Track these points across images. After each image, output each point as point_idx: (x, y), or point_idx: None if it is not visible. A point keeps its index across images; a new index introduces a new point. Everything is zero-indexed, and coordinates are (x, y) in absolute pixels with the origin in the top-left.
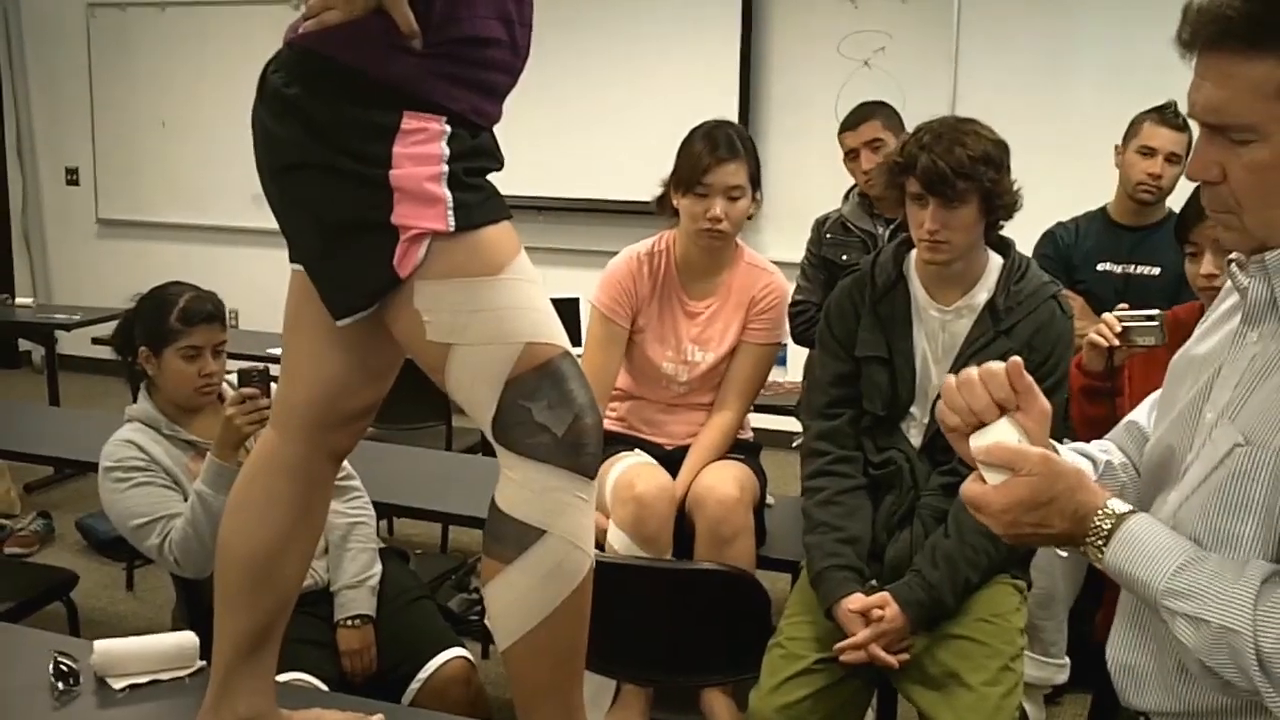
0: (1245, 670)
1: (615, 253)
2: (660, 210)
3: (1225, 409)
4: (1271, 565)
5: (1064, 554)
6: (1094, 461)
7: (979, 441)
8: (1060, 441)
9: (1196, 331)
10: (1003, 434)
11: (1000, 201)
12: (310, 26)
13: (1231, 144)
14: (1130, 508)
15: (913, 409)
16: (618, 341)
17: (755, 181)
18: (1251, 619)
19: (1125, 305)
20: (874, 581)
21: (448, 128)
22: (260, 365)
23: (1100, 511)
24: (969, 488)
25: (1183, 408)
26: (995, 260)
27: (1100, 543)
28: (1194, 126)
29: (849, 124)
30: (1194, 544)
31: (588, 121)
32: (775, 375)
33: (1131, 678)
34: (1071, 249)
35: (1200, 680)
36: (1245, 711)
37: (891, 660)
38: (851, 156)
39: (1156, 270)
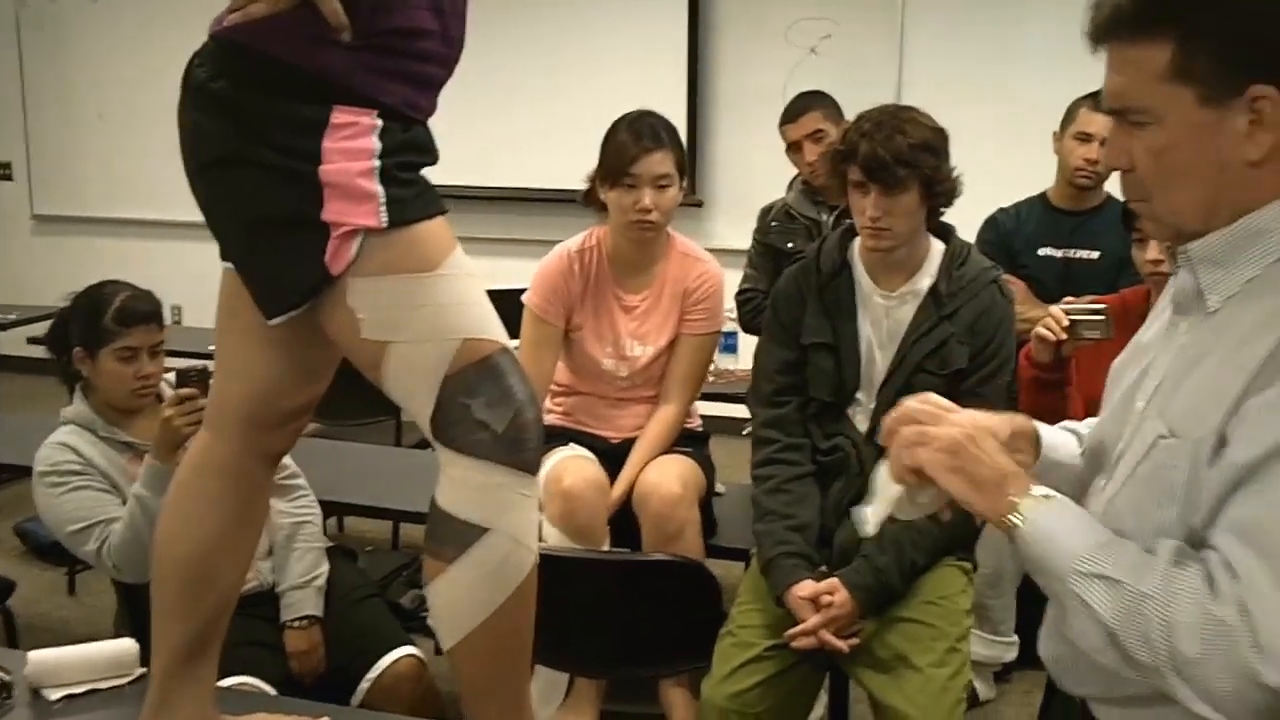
0: (1151, 640)
1: (561, 241)
2: (587, 205)
3: (1153, 399)
4: (1179, 543)
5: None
6: (1078, 436)
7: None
8: None
9: (1149, 316)
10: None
11: (940, 188)
12: (236, 19)
13: (1133, 128)
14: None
15: (859, 395)
16: (552, 341)
17: (682, 170)
18: (1164, 587)
19: (1071, 297)
20: (824, 567)
21: (379, 121)
22: (199, 365)
23: (1032, 483)
24: (908, 426)
25: (1120, 395)
26: (937, 247)
27: (1037, 494)
28: None
29: (789, 116)
30: (1114, 533)
31: (534, 110)
32: (726, 363)
33: (1063, 667)
34: (1013, 234)
35: (1099, 659)
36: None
37: (842, 645)
38: (794, 149)
39: (1096, 254)
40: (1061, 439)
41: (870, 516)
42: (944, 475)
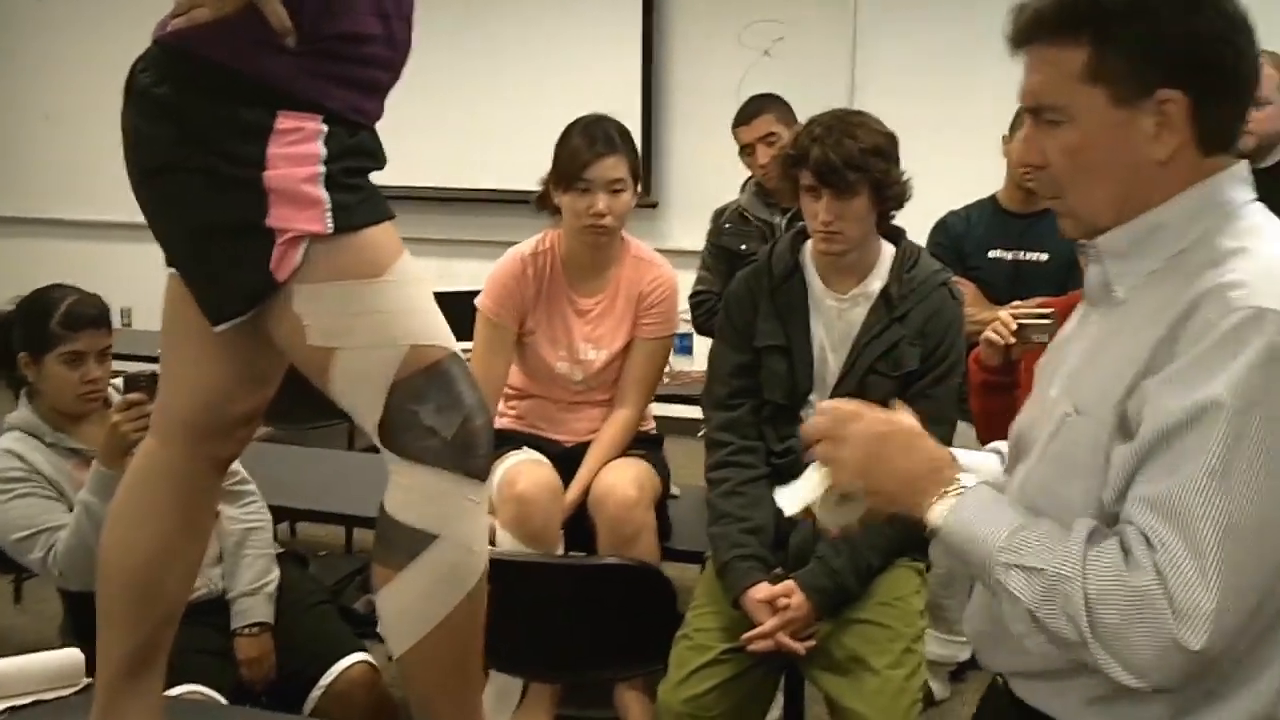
0: (1073, 617)
1: (519, 242)
2: (541, 208)
3: (1064, 384)
4: (1093, 521)
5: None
6: (1001, 456)
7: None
8: (954, 425)
9: (1071, 315)
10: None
11: (890, 192)
12: (180, 24)
13: (1048, 127)
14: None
15: (812, 397)
16: (505, 345)
17: (636, 174)
18: (1081, 565)
19: (1020, 301)
20: (779, 570)
21: (325, 127)
22: (147, 370)
23: (956, 470)
24: (822, 426)
25: (1038, 387)
26: (888, 249)
27: (952, 491)
28: None
29: (742, 119)
30: (1028, 512)
31: (490, 111)
32: (682, 365)
33: (982, 642)
34: (963, 237)
35: (1026, 638)
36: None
37: (798, 647)
38: (747, 151)
39: (1045, 256)
40: (983, 460)
41: (790, 497)
42: (858, 478)
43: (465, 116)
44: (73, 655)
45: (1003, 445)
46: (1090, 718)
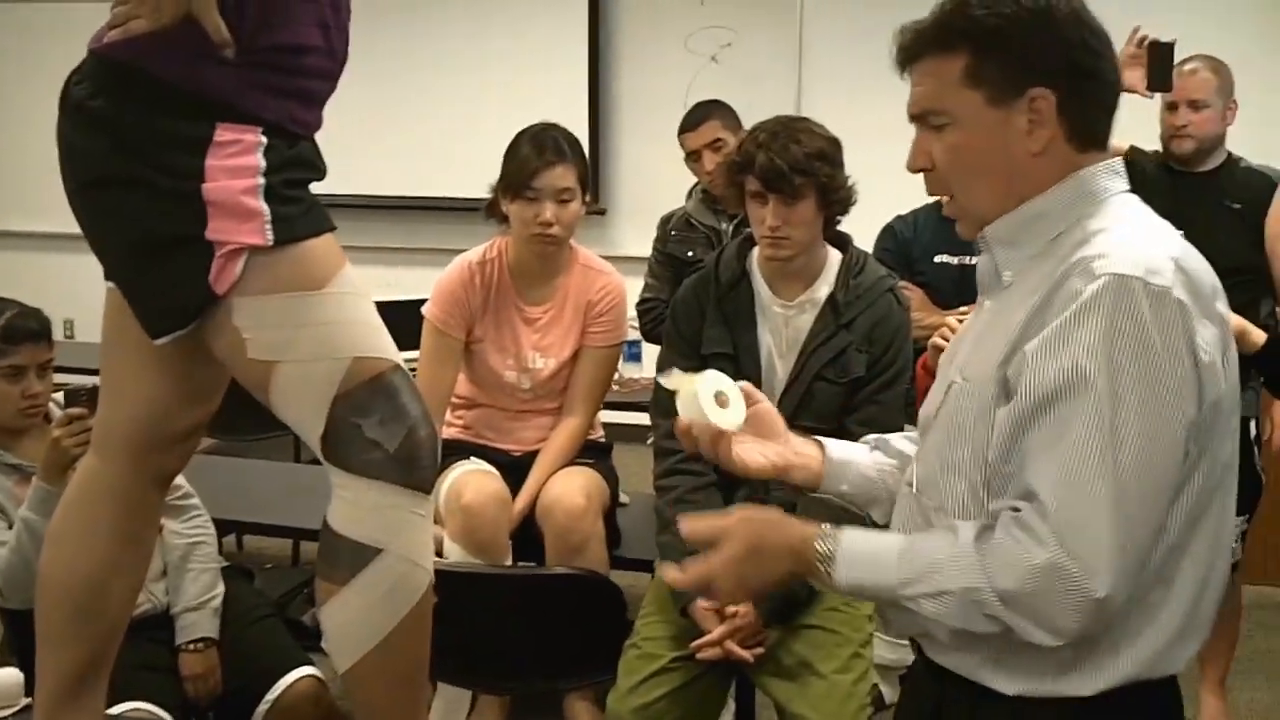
0: (996, 616)
1: (466, 250)
2: (489, 216)
3: (960, 364)
4: (976, 522)
5: None
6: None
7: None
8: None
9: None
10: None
11: (836, 196)
12: (116, 35)
13: (934, 131)
14: (837, 528)
15: None
16: (452, 354)
17: (584, 184)
18: (983, 569)
19: (966, 306)
20: None
21: (264, 138)
22: (88, 384)
23: (818, 536)
24: (693, 571)
25: (940, 374)
26: (834, 256)
27: (828, 565)
28: None
29: (688, 125)
30: (899, 535)
31: (435, 118)
32: (630, 371)
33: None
34: (910, 242)
35: (952, 644)
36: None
37: (746, 655)
38: (693, 157)
39: None
40: (853, 452)
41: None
42: (746, 599)
43: (411, 124)
44: (11, 675)
45: (871, 437)
46: (989, 674)
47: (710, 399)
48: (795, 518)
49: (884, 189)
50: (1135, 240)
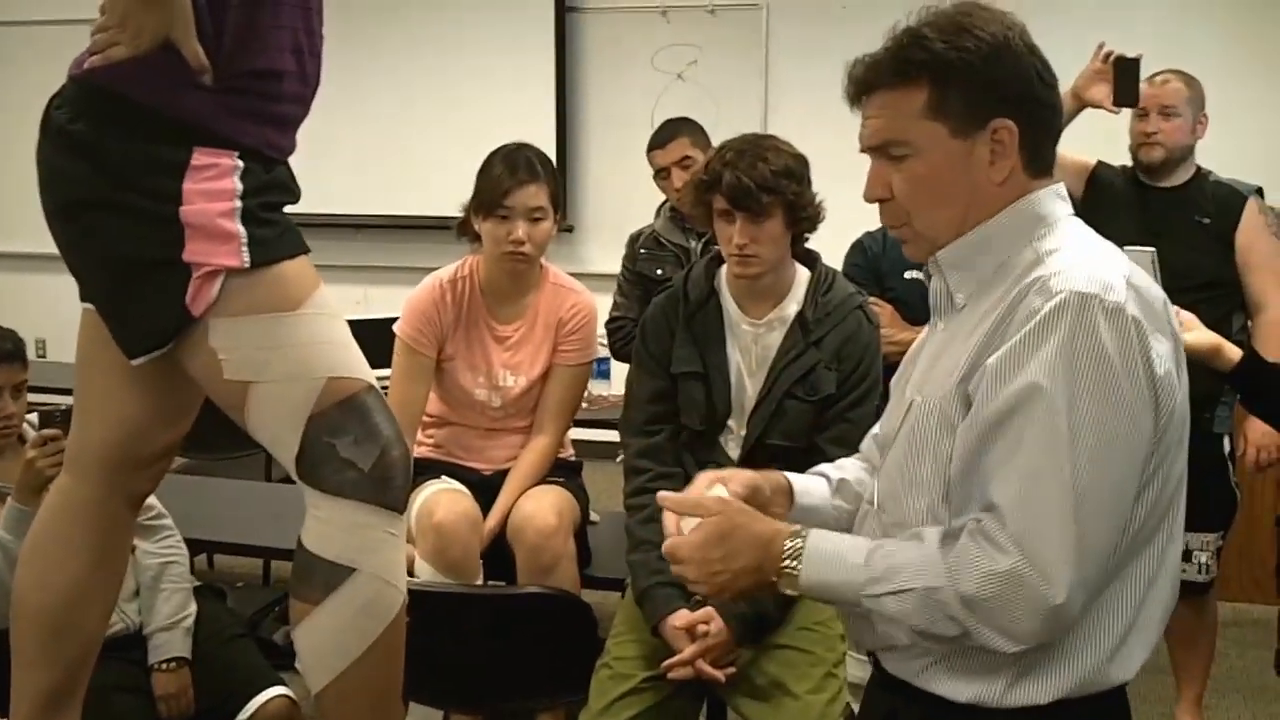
0: (955, 618)
1: (437, 268)
2: (461, 234)
3: (916, 385)
4: (941, 528)
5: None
6: (828, 480)
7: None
8: None
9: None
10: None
11: (804, 214)
12: (96, 62)
13: (893, 161)
14: (807, 528)
15: (730, 423)
16: (424, 371)
17: (556, 203)
18: (946, 571)
19: None
20: (698, 597)
21: (240, 162)
22: (63, 405)
23: (787, 535)
24: (668, 543)
25: (894, 396)
26: (803, 273)
27: (794, 562)
28: None
29: (657, 142)
30: (866, 539)
31: (406, 138)
32: (599, 389)
33: (855, 623)
34: (880, 258)
35: (914, 647)
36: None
37: (718, 675)
38: (662, 175)
39: None
40: (813, 484)
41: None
42: (715, 593)
43: (381, 144)
44: None
45: (828, 469)
46: (942, 681)
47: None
48: (766, 521)
49: (852, 205)
50: (1089, 259)
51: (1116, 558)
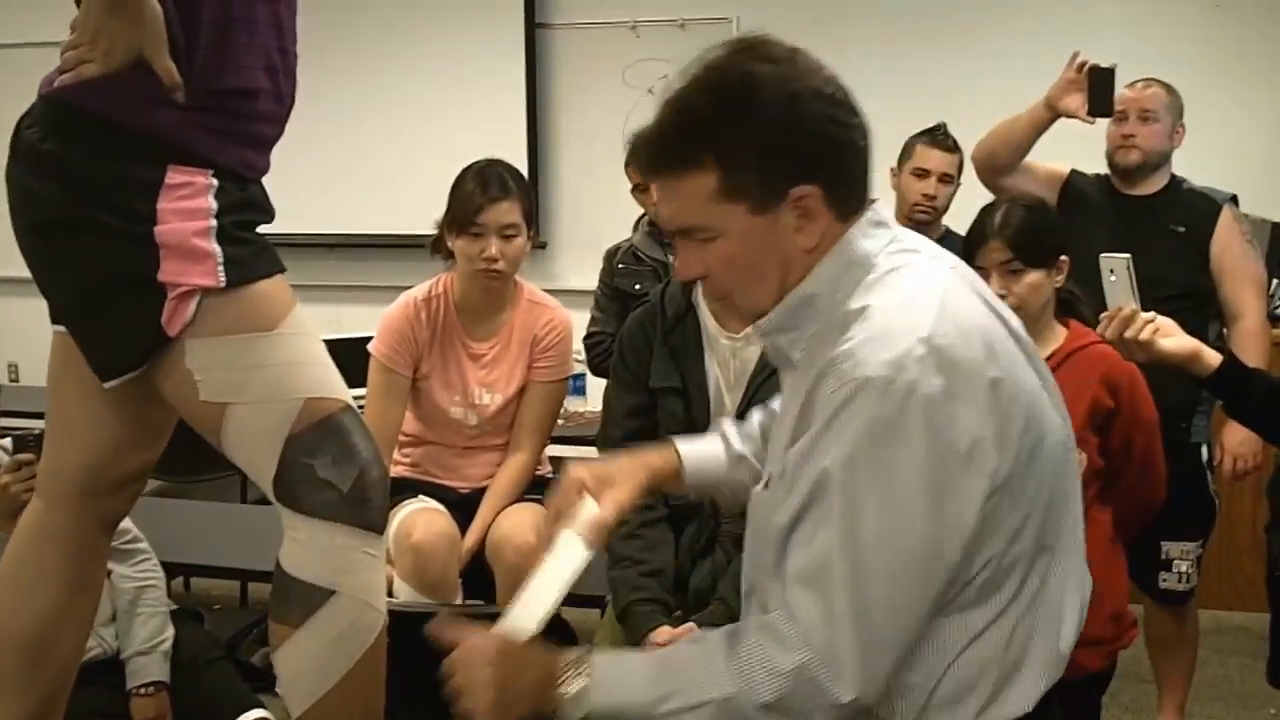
0: None
1: (410, 287)
2: (435, 252)
3: (769, 455)
4: (722, 629)
5: None
6: (727, 449)
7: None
8: None
9: None
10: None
11: None
12: (67, 80)
13: (700, 243)
14: (588, 654)
15: None
16: (400, 390)
17: (529, 219)
18: (736, 677)
19: None
20: (679, 612)
21: (215, 181)
22: (36, 429)
23: (570, 659)
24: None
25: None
26: None
27: (582, 683)
28: (966, 147)
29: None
30: (650, 654)
31: (377, 157)
32: (575, 405)
33: None
34: None
35: None
36: None
37: None
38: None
39: None
40: (709, 451)
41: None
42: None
43: (350, 162)
44: None
45: (728, 427)
46: None
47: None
48: (546, 647)
49: None
50: (886, 330)
51: (965, 609)
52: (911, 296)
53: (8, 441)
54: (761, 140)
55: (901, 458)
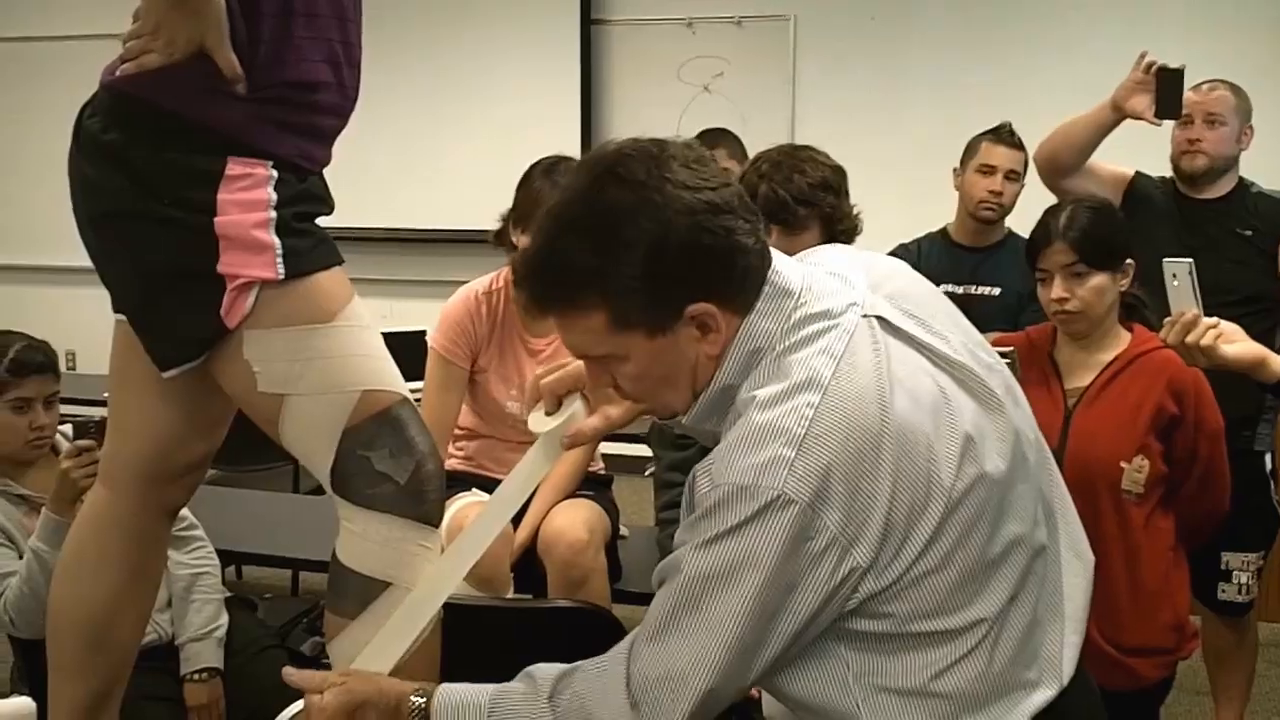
0: None
1: (464, 282)
2: (498, 245)
3: None
4: (557, 669)
5: None
6: None
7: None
8: None
9: None
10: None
11: (841, 226)
12: (129, 70)
13: (606, 364)
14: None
15: None
16: (457, 383)
17: None
18: (553, 715)
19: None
20: None
21: (274, 173)
22: (97, 417)
23: (412, 693)
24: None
25: None
26: None
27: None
28: (1029, 147)
29: None
30: (492, 688)
31: (433, 152)
32: None
33: None
34: (915, 270)
35: None
36: None
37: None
38: None
39: (997, 290)
40: None
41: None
42: None
43: (406, 158)
44: (24, 704)
45: None
46: None
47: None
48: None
49: (878, 217)
50: (760, 430)
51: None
52: (796, 385)
53: (68, 428)
54: (641, 274)
55: (750, 566)
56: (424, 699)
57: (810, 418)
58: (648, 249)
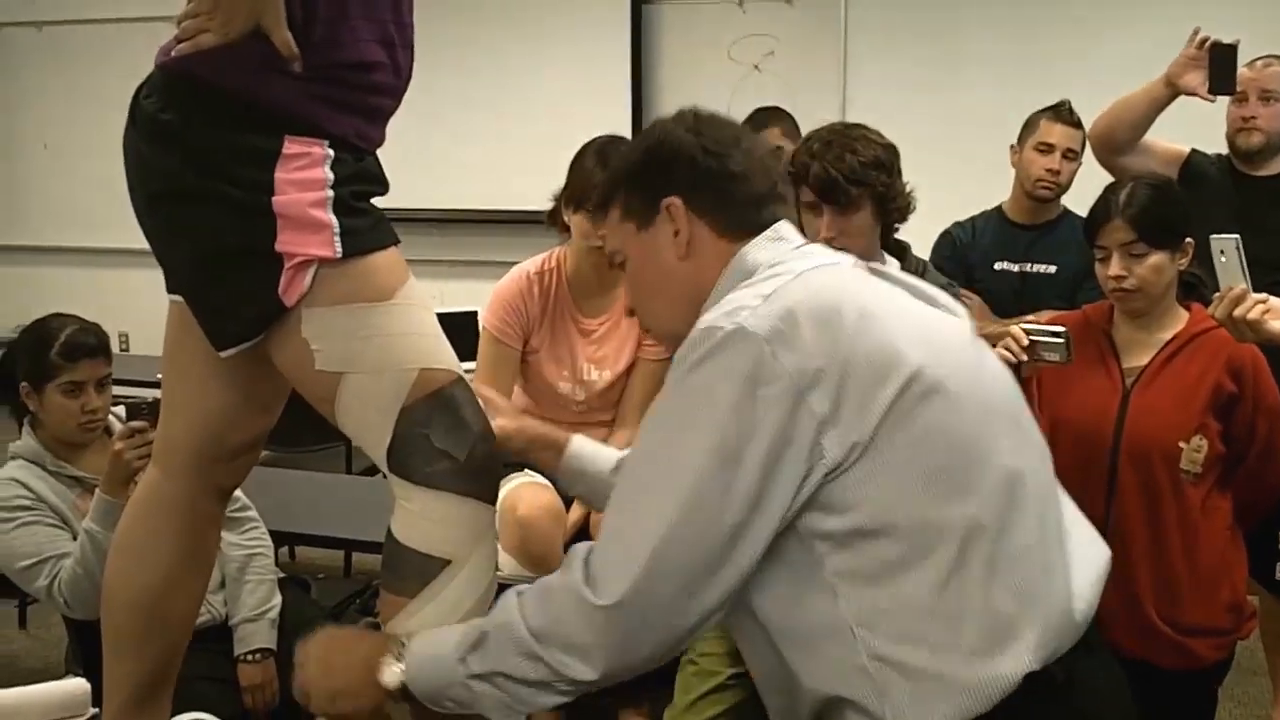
0: (531, 651)
1: (514, 263)
2: (551, 225)
3: None
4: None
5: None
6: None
7: None
8: None
9: None
10: None
11: (894, 205)
12: (185, 49)
13: (620, 269)
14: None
15: None
16: (509, 363)
17: None
18: (517, 607)
19: (1032, 316)
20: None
21: (331, 152)
22: (149, 398)
23: (384, 643)
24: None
25: None
26: (893, 264)
27: (399, 649)
28: (1086, 125)
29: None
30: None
31: (482, 133)
32: None
33: None
34: (969, 248)
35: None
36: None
37: None
38: None
39: (1053, 269)
40: (601, 451)
41: None
42: (328, 706)
43: (458, 139)
44: (79, 685)
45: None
46: None
47: None
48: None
49: (930, 196)
50: (731, 299)
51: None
52: (773, 287)
53: (121, 409)
54: (639, 168)
55: (725, 392)
56: (398, 655)
57: (779, 285)
58: (648, 146)
